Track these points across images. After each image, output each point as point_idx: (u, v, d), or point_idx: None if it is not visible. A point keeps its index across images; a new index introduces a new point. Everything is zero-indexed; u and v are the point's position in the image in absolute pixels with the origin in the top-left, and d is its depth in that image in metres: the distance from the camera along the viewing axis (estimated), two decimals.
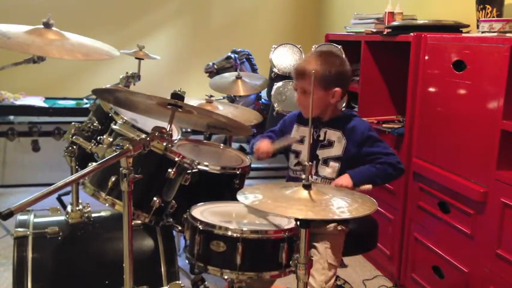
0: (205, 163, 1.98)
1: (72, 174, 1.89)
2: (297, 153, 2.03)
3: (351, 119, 2.01)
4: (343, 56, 2.05)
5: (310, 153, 1.91)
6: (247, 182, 2.12)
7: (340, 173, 1.95)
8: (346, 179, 1.88)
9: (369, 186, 1.88)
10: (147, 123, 1.85)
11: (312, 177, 1.95)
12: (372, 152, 1.94)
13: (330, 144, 1.97)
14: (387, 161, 1.92)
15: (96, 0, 4.38)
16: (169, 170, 1.72)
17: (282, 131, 2.13)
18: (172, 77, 4.55)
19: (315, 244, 1.89)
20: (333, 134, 1.97)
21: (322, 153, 1.97)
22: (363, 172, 1.90)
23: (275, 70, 3.17)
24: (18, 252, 1.75)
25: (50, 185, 1.25)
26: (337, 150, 1.96)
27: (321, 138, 1.99)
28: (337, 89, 1.93)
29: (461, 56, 2.22)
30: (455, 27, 2.62)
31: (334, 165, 1.95)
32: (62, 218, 1.92)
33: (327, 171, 1.96)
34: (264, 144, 2.01)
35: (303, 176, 1.50)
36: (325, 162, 1.97)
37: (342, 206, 1.46)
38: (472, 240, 2.17)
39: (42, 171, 3.89)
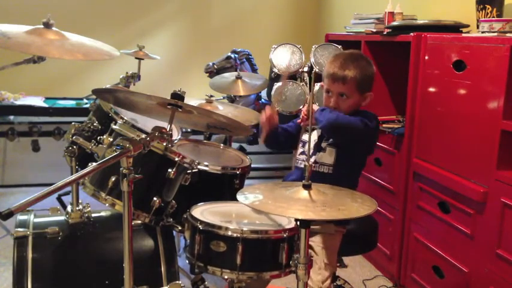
0: (205, 163, 1.98)
1: (72, 174, 1.89)
2: (304, 143, 2.06)
3: (360, 112, 2.03)
4: (367, 57, 2.08)
5: (315, 146, 2.00)
6: (247, 182, 2.13)
7: (338, 158, 1.96)
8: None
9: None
10: (147, 123, 1.85)
11: (313, 166, 1.97)
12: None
13: None
14: (346, 118, 1.94)
15: (96, 0, 4.38)
16: (169, 170, 1.72)
17: (297, 124, 2.14)
18: (172, 77, 4.55)
19: (312, 244, 1.89)
20: None
21: (324, 144, 2.01)
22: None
23: (275, 70, 3.16)
24: (18, 252, 1.75)
25: (50, 185, 1.25)
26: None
27: None
28: (370, 93, 2.01)
29: (461, 56, 2.22)
30: (455, 27, 2.62)
31: (331, 150, 1.97)
32: (62, 218, 1.92)
33: (325, 156, 1.98)
34: (266, 111, 2.04)
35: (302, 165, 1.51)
36: (324, 149, 1.99)
37: (342, 206, 1.46)
38: (472, 240, 2.17)
39: (42, 171, 3.89)
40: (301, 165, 1.98)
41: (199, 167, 1.89)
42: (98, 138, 1.87)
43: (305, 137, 2.06)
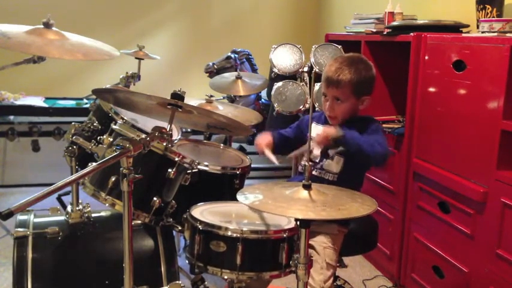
0: (205, 163, 1.98)
1: (72, 174, 1.89)
2: (310, 151, 2.03)
3: (366, 121, 2.01)
4: (368, 60, 2.06)
5: (321, 152, 1.97)
6: (247, 182, 2.13)
7: (344, 167, 1.95)
8: (334, 129, 1.83)
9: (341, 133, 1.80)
10: (147, 123, 1.85)
11: (317, 171, 1.98)
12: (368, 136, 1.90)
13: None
14: (380, 141, 1.87)
15: (96, 0, 4.38)
16: (169, 170, 1.72)
17: (299, 127, 2.14)
18: (172, 77, 4.55)
19: (313, 244, 1.89)
20: None
21: (332, 152, 1.99)
22: (353, 133, 1.85)
23: (275, 70, 3.17)
24: (18, 252, 1.75)
25: (50, 185, 1.25)
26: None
27: None
28: (367, 96, 1.99)
29: (461, 56, 2.22)
30: (455, 27, 2.62)
31: (339, 159, 1.96)
32: (62, 218, 1.93)
33: (332, 165, 1.97)
34: (261, 139, 2.01)
35: (313, 172, 1.49)
36: (331, 157, 1.97)
37: (342, 206, 1.46)
38: (472, 240, 2.17)
39: (42, 171, 3.89)
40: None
41: (199, 167, 1.89)
42: (98, 138, 1.87)
43: (312, 144, 2.02)
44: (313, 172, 1.97)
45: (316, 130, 2.06)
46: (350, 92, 1.94)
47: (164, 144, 1.68)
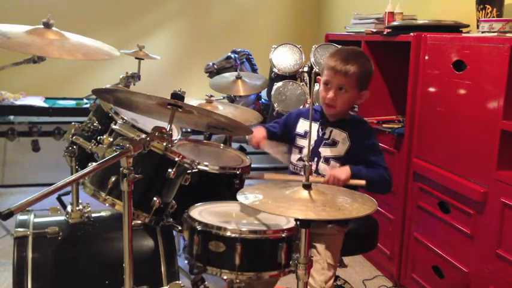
0: (205, 163, 1.98)
1: (72, 174, 1.89)
2: (300, 149, 2.04)
3: (359, 123, 2.04)
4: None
5: (312, 151, 1.97)
6: (247, 182, 2.12)
7: None
8: (345, 173, 1.85)
9: (362, 182, 1.85)
10: (147, 123, 1.85)
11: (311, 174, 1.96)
12: (371, 161, 1.94)
13: (334, 143, 1.98)
14: (385, 174, 1.95)
15: (96, 0, 4.38)
16: (169, 170, 1.72)
17: (285, 124, 2.13)
18: (172, 77, 4.55)
19: (315, 244, 1.89)
20: (339, 135, 1.98)
21: (324, 151, 1.98)
22: (362, 171, 1.89)
23: (275, 70, 3.17)
24: (18, 252, 1.75)
25: (50, 185, 1.25)
26: (339, 150, 1.96)
27: (326, 136, 1.99)
28: (366, 91, 2.00)
29: (461, 56, 2.22)
30: (455, 27, 2.62)
31: (335, 164, 1.95)
32: (62, 218, 1.92)
33: (327, 170, 1.96)
34: (258, 133, 2.02)
35: (302, 173, 1.50)
36: (326, 160, 1.97)
37: (342, 206, 1.46)
38: (472, 240, 2.18)
39: (42, 171, 3.88)
40: (301, 172, 1.97)
41: (199, 167, 1.89)
42: (98, 138, 1.87)
43: (301, 142, 2.04)
44: None
45: (304, 126, 2.05)
46: (355, 83, 1.95)
47: (164, 144, 1.68)
